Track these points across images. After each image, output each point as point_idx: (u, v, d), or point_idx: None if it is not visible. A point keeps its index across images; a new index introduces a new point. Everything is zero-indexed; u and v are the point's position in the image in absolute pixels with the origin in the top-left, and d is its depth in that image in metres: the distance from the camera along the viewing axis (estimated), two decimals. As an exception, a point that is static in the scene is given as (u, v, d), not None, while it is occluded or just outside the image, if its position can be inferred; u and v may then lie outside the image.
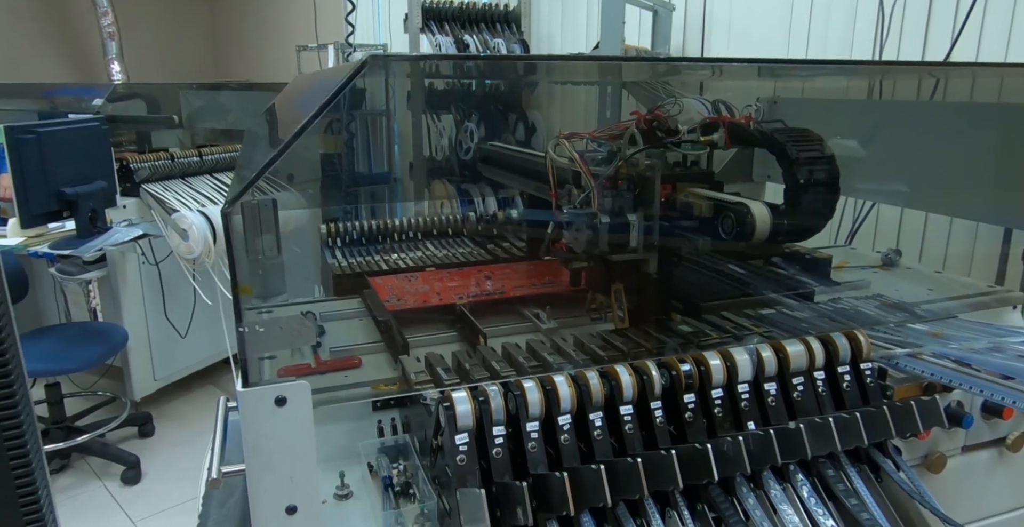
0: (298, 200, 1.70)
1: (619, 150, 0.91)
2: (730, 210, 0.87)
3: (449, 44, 3.32)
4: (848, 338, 0.85)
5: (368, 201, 3.83)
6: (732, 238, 0.87)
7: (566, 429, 0.74)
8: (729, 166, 1.60)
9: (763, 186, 1.74)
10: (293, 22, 4.80)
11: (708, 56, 2.98)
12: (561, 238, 0.94)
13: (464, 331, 1.11)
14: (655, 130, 0.89)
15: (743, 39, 2.80)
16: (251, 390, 0.60)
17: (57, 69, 5.09)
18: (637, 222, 0.86)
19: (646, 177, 0.86)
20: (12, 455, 0.39)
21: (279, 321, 0.65)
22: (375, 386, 0.98)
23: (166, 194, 2.83)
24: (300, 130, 0.53)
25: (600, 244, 0.88)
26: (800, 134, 0.88)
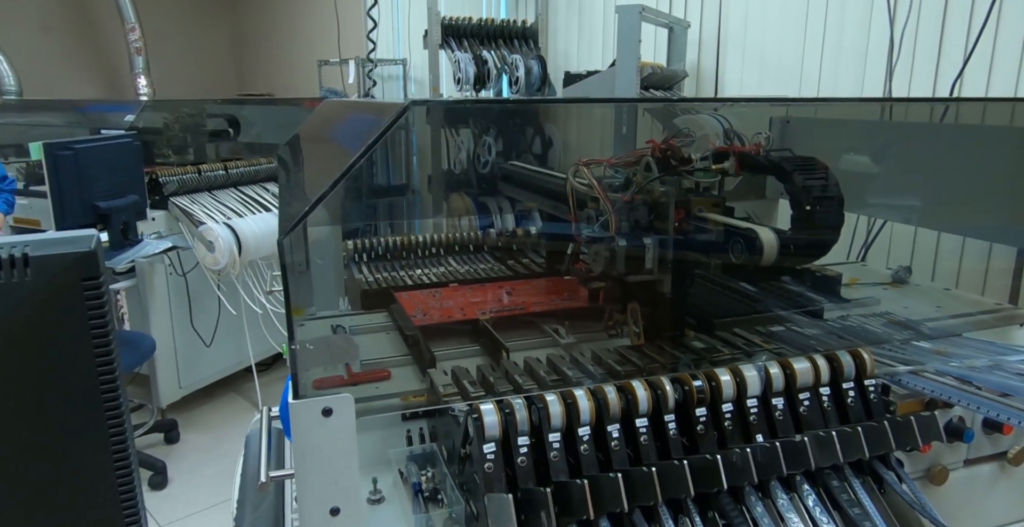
0: (321, 215, 1.77)
1: (635, 176, 0.97)
2: (739, 235, 0.92)
3: (468, 60, 3.39)
4: (853, 356, 0.90)
5: (387, 214, 3.91)
6: (741, 261, 0.93)
7: (585, 440, 0.79)
8: (743, 184, 1.66)
9: (776, 203, 1.79)
10: (315, 37, 4.91)
11: (721, 87, 3.03)
12: (580, 259, 1.00)
13: (487, 345, 1.17)
14: (669, 158, 0.95)
15: (757, 56, 2.86)
16: (301, 402, 0.66)
17: (86, 83, 5.24)
18: (652, 245, 0.92)
19: (660, 202, 0.92)
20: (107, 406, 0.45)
21: (328, 339, 0.71)
22: (405, 398, 1.04)
23: (193, 207, 2.92)
24: (345, 172, 0.59)
25: (617, 265, 0.94)
26: (806, 162, 0.93)
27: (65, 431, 0.43)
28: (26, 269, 0.40)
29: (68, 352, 0.42)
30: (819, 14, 2.61)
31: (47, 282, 0.41)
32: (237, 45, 6.03)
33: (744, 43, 2.92)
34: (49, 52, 5.10)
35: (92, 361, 0.44)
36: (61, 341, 0.42)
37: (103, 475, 0.44)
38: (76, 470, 0.43)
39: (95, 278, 0.42)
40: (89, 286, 0.42)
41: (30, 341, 0.41)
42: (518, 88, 3.46)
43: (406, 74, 4.45)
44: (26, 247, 0.41)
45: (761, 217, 1.66)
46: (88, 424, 0.44)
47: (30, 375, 0.42)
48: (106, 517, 0.44)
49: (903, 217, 1.77)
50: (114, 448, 0.45)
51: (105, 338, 0.43)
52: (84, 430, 0.44)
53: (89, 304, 0.42)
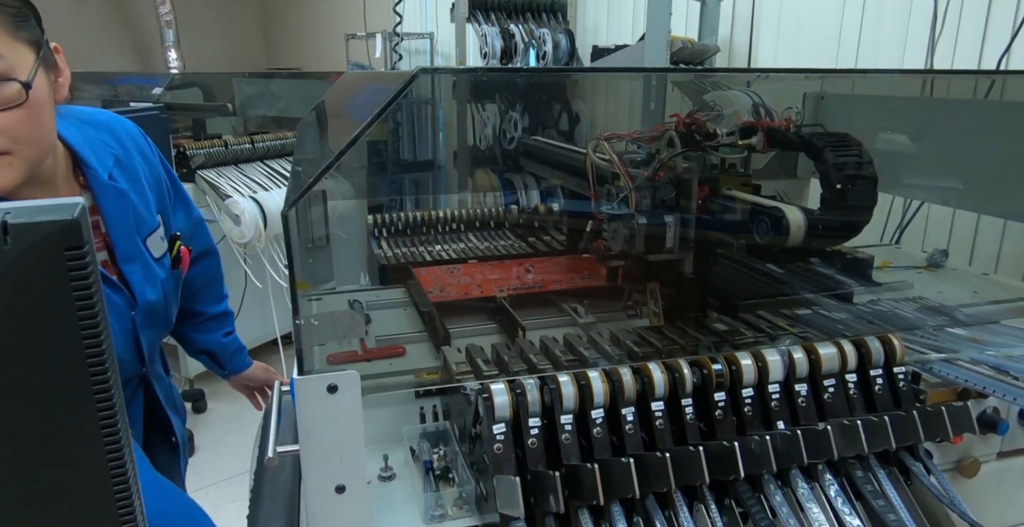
0: (345, 188, 1.76)
1: (658, 152, 0.93)
2: (765, 214, 0.88)
3: (495, 34, 3.34)
4: (882, 341, 0.86)
5: (413, 189, 3.89)
6: (767, 241, 0.89)
7: (599, 423, 0.77)
8: (773, 162, 1.60)
9: (807, 183, 1.73)
10: (342, 11, 4.87)
11: (755, 63, 2.94)
12: (599, 236, 0.97)
13: (504, 323, 1.15)
14: (693, 133, 0.91)
15: (792, 31, 2.75)
16: (305, 378, 0.65)
17: (117, 56, 5.28)
18: (674, 223, 0.89)
19: (683, 179, 0.88)
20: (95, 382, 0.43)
21: (333, 315, 0.69)
22: (418, 374, 1.03)
23: (220, 180, 2.93)
24: (352, 141, 0.57)
25: (637, 244, 0.91)
26: (839, 139, 0.89)
27: (50, 406, 0.42)
28: (6, 237, 0.39)
29: (51, 324, 0.41)
30: (858, -16, 2.50)
31: (27, 251, 0.39)
32: (266, 19, 6.02)
33: (779, 17, 2.81)
34: (83, 25, 5.13)
35: (78, 333, 0.42)
36: (44, 312, 0.41)
37: (92, 454, 0.43)
38: (64, 451, 0.42)
39: (79, 248, 0.40)
40: (72, 256, 0.40)
41: (10, 312, 0.40)
42: (545, 62, 3.39)
43: (433, 48, 4.40)
44: (7, 214, 0.39)
45: (791, 197, 1.60)
46: (74, 399, 0.43)
47: (11, 348, 0.41)
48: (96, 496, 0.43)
49: (941, 198, 1.70)
50: (103, 423, 0.44)
51: (91, 310, 0.42)
52: (70, 405, 0.42)
53: (72, 275, 0.41)
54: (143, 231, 1.03)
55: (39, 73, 0.82)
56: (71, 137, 0.95)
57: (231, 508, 1.54)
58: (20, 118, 0.79)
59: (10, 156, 0.80)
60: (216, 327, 1.35)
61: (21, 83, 0.79)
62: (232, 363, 1.38)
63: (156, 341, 1.14)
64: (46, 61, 0.85)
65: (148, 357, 1.08)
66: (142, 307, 1.02)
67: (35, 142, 0.83)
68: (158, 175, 1.11)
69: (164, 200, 1.12)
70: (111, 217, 0.98)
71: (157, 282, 1.04)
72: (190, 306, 1.28)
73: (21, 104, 0.79)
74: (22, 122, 0.80)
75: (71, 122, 0.97)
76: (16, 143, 0.80)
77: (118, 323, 1.00)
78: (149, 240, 1.04)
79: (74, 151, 0.95)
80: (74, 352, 0.42)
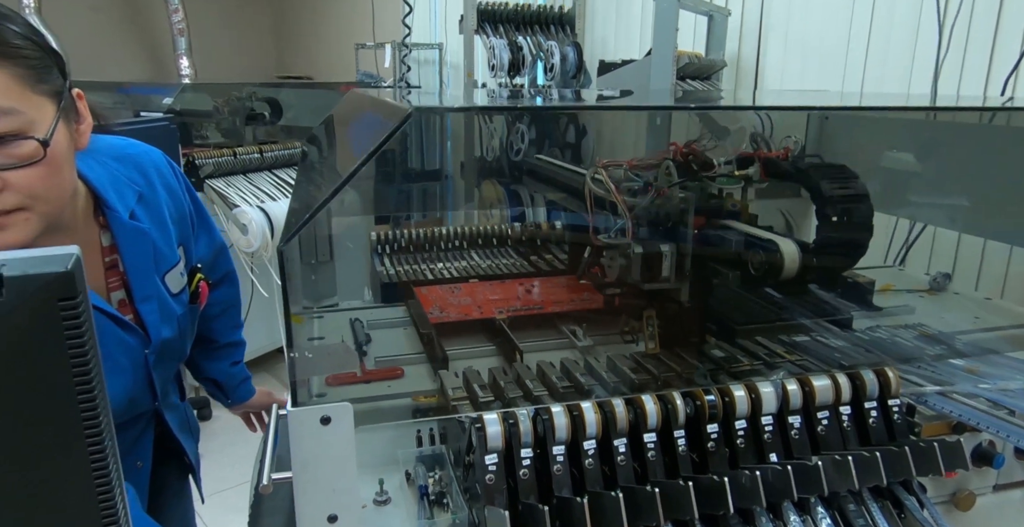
0: (352, 202, 1.77)
1: (656, 179, 0.94)
2: (759, 246, 0.89)
3: (503, 46, 3.35)
4: (877, 374, 0.86)
5: (420, 199, 3.90)
6: (761, 274, 0.89)
7: (591, 454, 0.78)
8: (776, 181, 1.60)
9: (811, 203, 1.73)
10: (352, 21, 4.91)
11: (762, 78, 2.95)
12: (597, 263, 0.98)
13: (502, 345, 1.16)
14: (691, 163, 0.92)
15: (799, 45, 2.76)
16: (299, 409, 0.66)
17: (131, 63, 5.34)
18: (670, 253, 0.89)
19: (680, 209, 0.88)
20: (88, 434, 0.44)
21: (327, 348, 0.70)
22: (416, 398, 1.04)
23: (228, 190, 2.96)
24: (345, 180, 0.58)
25: (633, 272, 0.91)
26: (836, 170, 0.89)
27: (42, 455, 0.43)
28: (0, 289, 0.40)
29: (45, 374, 0.42)
30: (866, 2, 2.50)
31: (22, 302, 0.40)
32: (277, 27, 6.07)
33: (787, 32, 2.82)
34: (97, 32, 5.19)
35: (71, 382, 0.43)
36: (37, 362, 0.42)
37: (84, 502, 0.44)
38: (56, 499, 0.43)
39: (72, 299, 0.41)
40: (66, 307, 0.41)
41: (3, 362, 0.41)
42: (553, 75, 3.41)
43: (442, 58, 4.42)
44: (2, 266, 0.40)
45: (796, 216, 1.60)
46: (67, 447, 0.44)
47: (3, 397, 0.42)
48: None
49: (946, 221, 1.69)
50: (95, 472, 0.44)
51: (84, 358, 0.43)
52: (62, 453, 0.44)
53: (67, 325, 0.42)
54: (162, 267, 1.03)
55: (59, 125, 0.80)
56: (94, 177, 0.95)
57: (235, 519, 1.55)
58: (38, 175, 0.78)
59: (27, 212, 0.79)
60: (226, 355, 1.36)
61: (39, 141, 0.77)
62: (237, 393, 1.39)
63: (170, 374, 1.15)
64: (67, 112, 0.83)
65: (161, 391, 1.09)
66: (156, 345, 1.03)
67: (53, 197, 0.82)
68: (182, 206, 1.11)
69: (187, 230, 1.13)
70: (130, 257, 0.98)
71: (174, 319, 1.05)
72: (204, 333, 1.28)
73: (39, 161, 0.77)
74: (40, 179, 0.78)
75: (98, 159, 0.97)
76: (33, 199, 0.79)
77: (131, 362, 1.00)
78: (168, 276, 1.04)
79: (96, 192, 0.96)
80: (67, 400, 0.43)
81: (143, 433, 1.14)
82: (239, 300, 1.40)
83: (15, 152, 0.76)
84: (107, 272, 1.01)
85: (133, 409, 1.07)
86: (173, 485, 1.25)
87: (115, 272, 1.01)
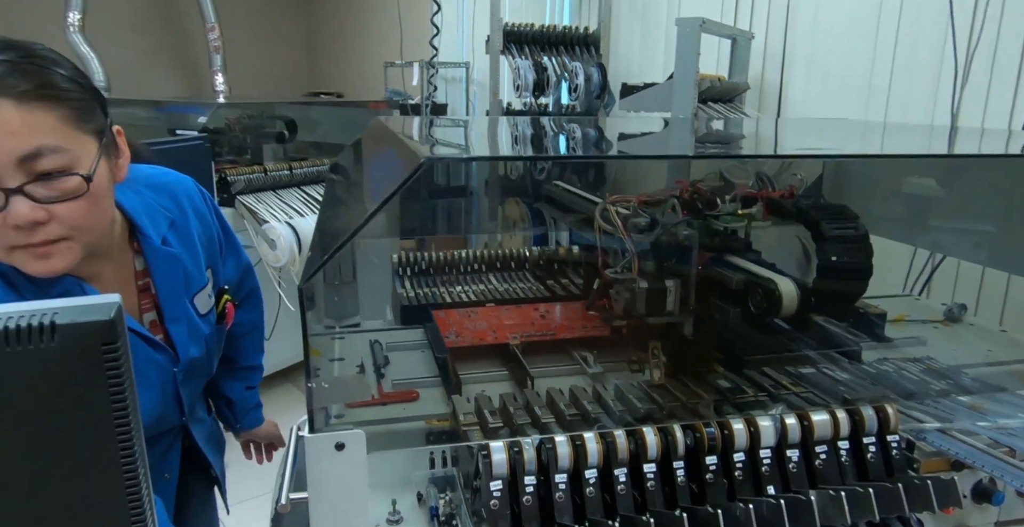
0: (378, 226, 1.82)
1: (662, 216, 0.98)
2: (759, 285, 0.91)
3: (528, 67, 3.41)
4: (876, 410, 0.88)
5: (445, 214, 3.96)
6: (760, 312, 0.92)
7: (592, 482, 0.81)
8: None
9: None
10: (382, 39, 5.02)
11: (785, 101, 2.96)
12: (605, 295, 1.02)
13: (515, 371, 1.20)
14: (696, 202, 0.95)
15: (823, 69, 2.77)
16: (315, 436, 0.71)
17: (168, 79, 5.51)
18: (674, 288, 0.93)
19: (685, 246, 0.92)
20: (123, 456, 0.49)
21: (342, 379, 0.75)
22: (429, 421, 1.08)
23: (258, 206, 3.05)
24: (361, 225, 0.63)
25: (639, 306, 0.95)
26: (837, 211, 0.92)
27: (81, 477, 0.48)
28: (52, 335, 0.45)
29: (87, 406, 0.47)
30: (890, 27, 2.51)
31: (70, 346, 0.45)
32: (309, 44, 6.21)
33: (810, 56, 2.83)
34: (137, 49, 5.37)
35: (110, 413, 0.48)
36: (82, 396, 0.47)
37: (117, 516, 0.49)
38: (92, 512, 0.48)
39: (114, 343, 0.46)
40: (108, 350, 0.46)
41: (54, 397, 0.46)
42: (577, 95, 3.46)
43: (468, 77, 4.49)
44: (54, 314, 0.45)
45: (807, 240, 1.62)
46: (104, 468, 0.48)
47: (53, 426, 0.47)
48: (118, 554, 0.49)
49: (967, 253, 1.69)
50: (128, 491, 0.49)
51: (121, 395, 0.48)
52: (100, 475, 0.48)
53: (108, 366, 0.47)
54: (191, 289, 1.09)
55: (101, 161, 0.87)
56: (130, 206, 1.01)
57: (256, 528, 1.61)
58: (81, 207, 0.84)
59: (70, 241, 0.85)
60: (243, 377, 1.41)
61: (83, 176, 0.83)
62: (246, 418, 1.43)
63: (197, 391, 1.21)
64: (108, 148, 0.90)
65: (188, 407, 1.15)
66: (184, 364, 1.08)
67: (94, 228, 0.88)
68: (211, 231, 1.18)
69: (215, 253, 1.19)
70: (161, 280, 1.05)
71: (201, 339, 1.11)
72: (227, 352, 1.34)
73: (83, 194, 0.83)
74: (82, 211, 0.84)
75: (134, 188, 1.04)
76: (76, 230, 0.85)
77: (160, 380, 1.06)
78: (197, 297, 1.10)
79: (131, 219, 1.02)
80: (105, 428, 0.48)
81: (171, 446, 1.20)
82: (263, 324, 1.46)
83: (61, 186, 0.83)
84: (140, 294, 1.07)
85: (162, 424, 1.13)
86: (199, 496, 1.31)
87: (147, 295, 1.07)
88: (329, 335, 1.37)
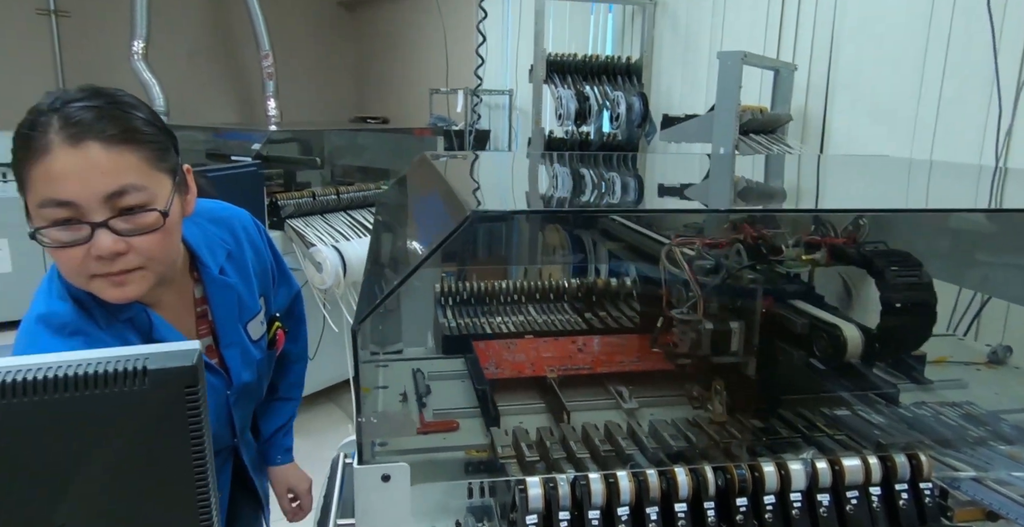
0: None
1: (727, 259, 1.01)
2: (823, 330, 0.94)
3: (570, 97, 3.48)
4: (909, 457, 0.89)
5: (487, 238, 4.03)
6: (824, 357, 0.95)
7: (624, 520, 0.84)
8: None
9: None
10: (427, 67, 5.16)
11: (829, 133, 2.96)
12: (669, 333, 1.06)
13: (551, 404, 1.23)
14: (759, 247, 0.99)
15: (867, 103, 2.76)
16: (364, 467, 0.75)
17: (224, 105, 5.75)
18: (738, 330, 0.96)
19: (749, 289, 0.95)
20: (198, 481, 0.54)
21: (388, 414, 0.80)
22: (468, 451, 1.12)
23: (306, 229, 3.15)
24: (412, 271, 0.68)
25: (703, 346, 0.98)
26: (900, 258, 0.94)
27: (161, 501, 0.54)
28: (144, 379, 0.51)
29: (170, 446, 0.52)
30: (938, 60, 2.49)
31: (159, 388, 0.51)
32: (358, 71, 6.40)
33: (855, 87, 2.83)
34: (194, 75, 5.62)
35: (188, 444, 0.53)
36: (165, 437, 0.52)
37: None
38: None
39: (195, 386, 0.52)
40: (189, 392, 0.52)
41: (143, 433, 0.52)
42: (619, 124, 3.51)
43: (512, 104, 4.58)
44: (145, 360, 0.51)
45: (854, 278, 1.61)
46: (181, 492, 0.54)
47: (140, 458, 0.52)
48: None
49: (1012, 293, 1.66)
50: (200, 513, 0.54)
51: (199, 431, 0.53)
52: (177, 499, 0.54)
53: (188, 406, 0.52)
54: (245, 317, 1.17)
55: (174, 197, 0.95)
56: (192, 238, 1.10)
57: (294, 552, 1.66)
58: (156, 240, 0.92)
59: (145, 270, 0.93)
60: (278, 410, 1.45)
61: (161, 212, 0.92)
62: (276, 452, 1.45)
63: (248, 413, 1.28)
64: (180, 186, 0.98)
65: (239, 429, 1.22)
66: (237, 387, 1.15)
67: (165, 259, 0.97)
68: (264, 261, 1.25)
69: (268, 282, 1.26)
70: (218, 308, 1.12)
71: (253, 364, 1.18)
72: (278, 380, 1.40)
73: (159, 228, 0.92)
74: (157, 243, 0.93)
75: (196, 221, 1.12)
76: (150, 261, 0.93)
77: (214, 402, 1.13)
78: (250, 324, 1.17)
79: (192, 250, 1.10)
80: (184, 460, 0.54)
81: (222, 467, 1.26)
82: (306, 357, 1.51)
83: (141, 221, 0.91)
84: (197, 320, 1.14)
85: (215, 444, 1.20)
86: (247, 516, 1.37)
87: (204, 321, 1.14)
88: (374, 362, 1.43)
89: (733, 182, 1.28)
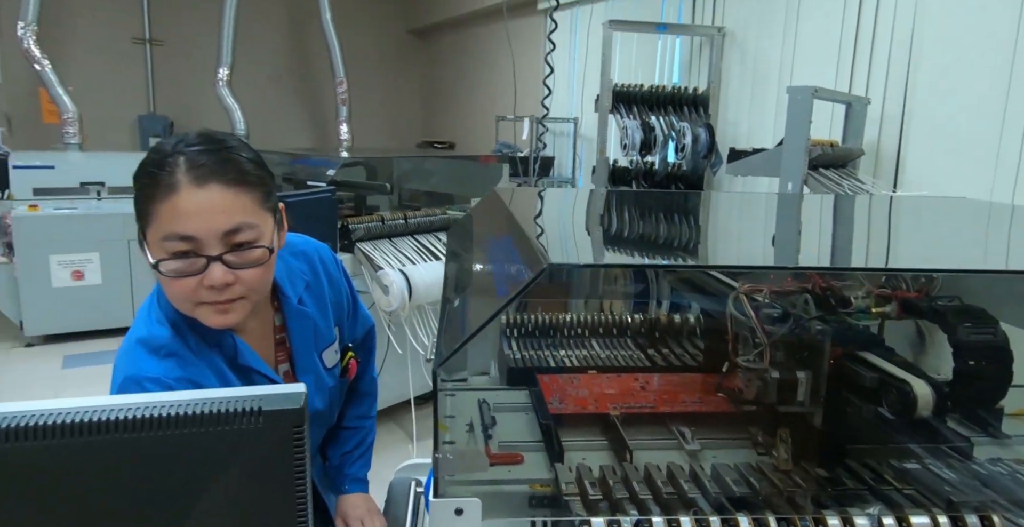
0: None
1: (794, 306, 1.02)
2: (893, 385, 0.94)
3: (635, 127, 3.51)
4: (982, 519, 0.88)
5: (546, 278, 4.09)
6: (894, 412, 0.94)
7: (687, 566, 0.85)
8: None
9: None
10: (494, 94, 5.27)
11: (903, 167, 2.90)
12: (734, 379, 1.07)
13: (614, 442, 1.25)
14: (828, 298, 1.00)
15: (945, 138, 2.69)
16: (440, 500, 0.80)
17: (299, 129, 6.01)
18: (806, 380, 0.97)
19: (817, 339, 0.96)
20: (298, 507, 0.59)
21: (464, 452, 0.84)
22: (532, 485, 1.15)
23: (374, 253, 3.26)
24: (488, 320, 0.72)
25: (769, 395, 1.00)
26: (975, 315, 0.94)
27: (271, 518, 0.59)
28: (260, 418, 0.56)
29: (277, 480, 0.58)
30: (1021, 87, 2.42)
31: (272, 428, 0.57)
32: (426, 96, 6.59)
33: (931, 122, 2.76)
34: (273, 101, 5.90)
35: (292, 476, 0.59)
36: (274, 472, 0.58)
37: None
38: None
39: (301, 425, 0.57)
40: (296, 431, 0.57)
41: (259, 467, 0.57)
42: (684, 155, 3.51)
43: (576, 132, 4.64)
44: (261, 401, 0.57)
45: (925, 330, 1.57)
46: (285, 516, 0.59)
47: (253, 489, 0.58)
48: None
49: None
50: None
51: (302, 466, 0.59)
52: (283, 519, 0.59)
53: (295, 443, 0.58)
54: (320, 345, 1.24)
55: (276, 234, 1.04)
56: (276, 270, 1.18)
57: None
58: (259, 273, 1.02)
59: (245, 300, 1.03)
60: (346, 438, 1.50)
61: (267, 248, 1.01)
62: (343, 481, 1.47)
63: (319, 438, 1.34)
64: (279, 223, 1.08)
65: (312, 452, 1.28)
66: (310, 413, 1.22)
67: (263, 289, 1.07)
68: (340, 292, 1.33)
69: (343, 313, 1.34)
70: (296, 336, 1.20)
71: (326, 390, 1.25)
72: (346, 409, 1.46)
73: (264, 262, 1.01)
74: (260, 276, 1.02)
75: (280, 255, 1.21)
76: (251, 291, 1.03)
77: None
78: (325, 352, 1.25)
79: (275, 281, 1.18)
80: (289, 492, 0.59)
81: None
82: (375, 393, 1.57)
83: (249, 256, 1.00)
84: (276, 347, 1.22)
85: None
86: None
87: (283, 347, 1.22)
88: (443, 391, 1.48)
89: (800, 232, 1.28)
